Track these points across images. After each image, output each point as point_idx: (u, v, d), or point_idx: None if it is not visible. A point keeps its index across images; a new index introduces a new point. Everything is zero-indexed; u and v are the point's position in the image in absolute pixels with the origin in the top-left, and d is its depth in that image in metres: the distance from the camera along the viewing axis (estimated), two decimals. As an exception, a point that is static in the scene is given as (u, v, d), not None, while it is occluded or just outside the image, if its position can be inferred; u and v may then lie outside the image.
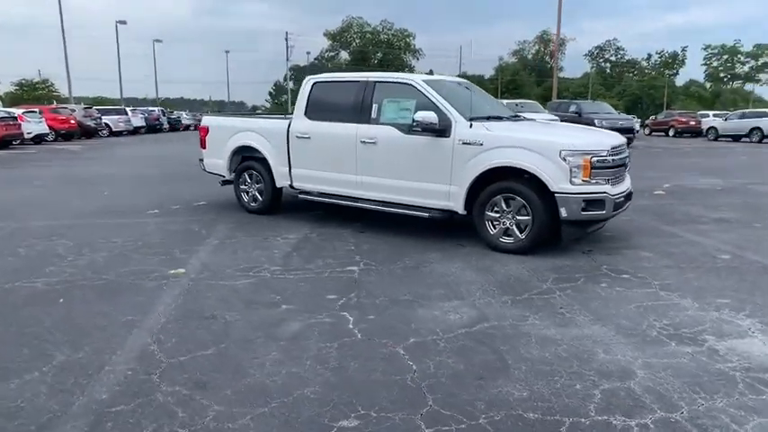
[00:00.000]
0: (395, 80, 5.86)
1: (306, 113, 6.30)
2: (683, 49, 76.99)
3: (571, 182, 4.71)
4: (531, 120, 7.17)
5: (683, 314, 3.61)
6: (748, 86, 74.92)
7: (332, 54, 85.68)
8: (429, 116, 5.17)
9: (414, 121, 5.24)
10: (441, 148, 5.26)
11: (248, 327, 3.41)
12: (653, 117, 35.51)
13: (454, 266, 4.71)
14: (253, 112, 29.06)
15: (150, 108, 36.04)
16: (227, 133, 7.10)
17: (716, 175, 11.48)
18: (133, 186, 9.75)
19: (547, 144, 4.84)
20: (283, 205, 7.10)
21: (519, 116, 6.40)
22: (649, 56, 79.08)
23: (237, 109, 68.09)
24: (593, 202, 4.75)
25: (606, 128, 17.23)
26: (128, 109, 31.25)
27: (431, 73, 24.00)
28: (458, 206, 5.26)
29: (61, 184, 10.14)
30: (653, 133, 32.24)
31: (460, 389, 2.65)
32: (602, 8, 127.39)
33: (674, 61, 77.32)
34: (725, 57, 75.99)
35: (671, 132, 30.36)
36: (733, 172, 12.41)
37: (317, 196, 6.36)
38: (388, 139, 5.60)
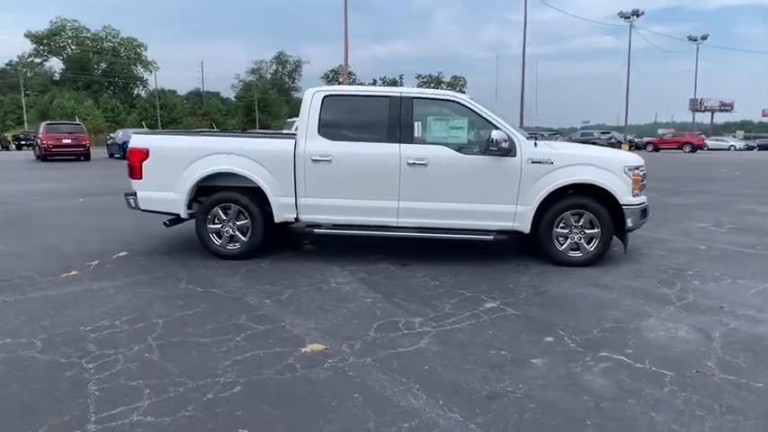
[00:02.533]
0: (438, 97, 5.44)
1: (320, 132, 5.26)
2: (401, 77, 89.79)
3: (632, 194, 5.19)
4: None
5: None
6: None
7: (38, 60, 71.33)
8: (503, 135, 4.99)
9: (492, 140, 4.96)
10: (507, 167, 5.11)
11: None
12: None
13: (575, 287, 4.65)
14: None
15: None
16: (186, 158, 5.35)
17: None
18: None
19: (612, 161, 5.23)
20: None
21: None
22: (375, 81, 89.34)
23: None
24: (644, 212, 5.33)
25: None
26: None
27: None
28: (524, 226, 5.19)
29: None
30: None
31: None
32: (328, 35, 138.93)
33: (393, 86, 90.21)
34: (432, 85, 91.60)
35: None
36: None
37: (330, 228, 5.37)
38: (441, 159, 5.14)
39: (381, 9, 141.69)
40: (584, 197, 5.18)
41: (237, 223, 5.44)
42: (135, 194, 5.49)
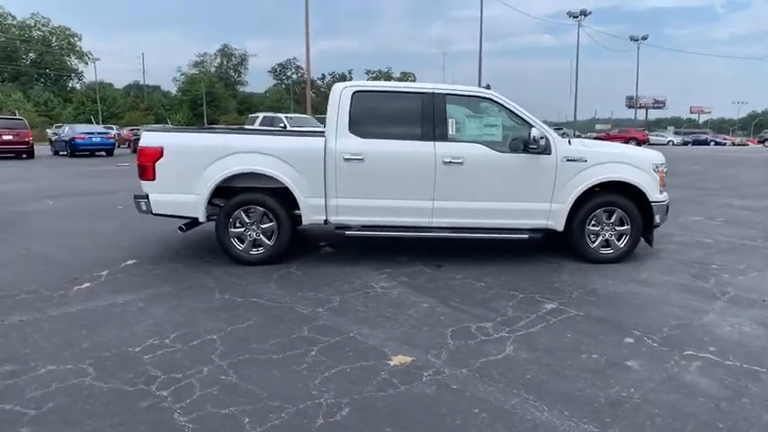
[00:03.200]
0: (471, 93, 5.29)
1: (350, 129, 5.02)
2: (350, 72, 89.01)
3: (659, 191, 5.29)
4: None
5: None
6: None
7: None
8: (541, 133, 4.94)
9: (532, 138, 4.89)
10: (542, 165, 5.08)
11: None
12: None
13: (619, 284, 4.67)
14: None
15: None
16: (206, 157, 4.97)
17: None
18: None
19: (641, 159, 5.30)
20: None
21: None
22: (324, 76, 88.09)
23: None
24: (667, 208, 5.45)
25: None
26: None
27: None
28: (558, 224, 5.18)
29: None
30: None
31: None
32: (280, 29, 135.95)
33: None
34: (382, 81, 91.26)
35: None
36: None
37: (360, 230, 5.15)
38: (478, 158, 5.04)
39: (328, 4, 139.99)
40: (615, 194, 5.22)
41: (262, 226, 5.12)
42: (147, 197, 5.04)
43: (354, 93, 5.09)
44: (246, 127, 17.77)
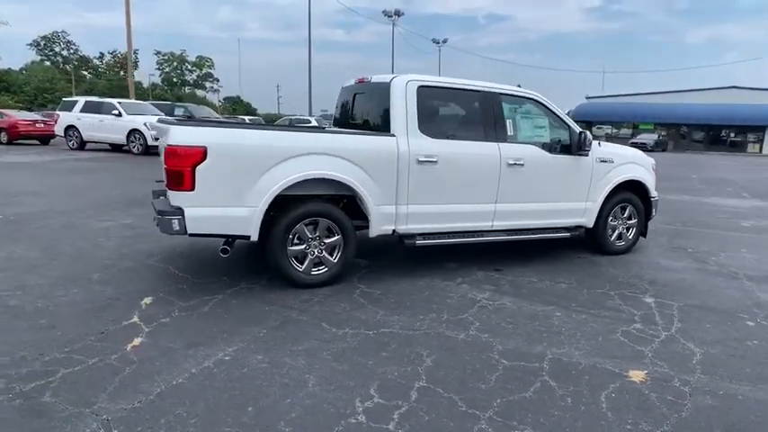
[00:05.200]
0: (520, 94, 5.19)
1: (420, 128, 4.55)
2: (135, 52, 78.84)
3: (654, 189, 6.04)
4: None
5: None
6: (200, 93, 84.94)
7: None
8: (590, 135, 5.18)
9: (585, 140, 5.09)
10: (582, 166, 5.34)
11: None
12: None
13: (666, 273, 5.18)
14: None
15: None
16: (264, 160, 3.97)
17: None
18: None
19: (646, 159, 5.94)
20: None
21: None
22: (102, 54, 76.60)
23: None
24: (657, 203, 6.23)
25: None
26: None
27: None
28: (590, 221, 5.53)
29: None
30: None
31: None
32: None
33: (125, 62, 77.72)
34: (175, 64, 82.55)
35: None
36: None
37: (427, 239, 4.76)
38: (535, 159, 5.05)
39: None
40: (629, 192, 5.78)
41: (326, 241, 4.33)
42: (180, 212, 3.80)
43: (419, 87, 4.61)
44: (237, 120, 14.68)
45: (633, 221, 5.89)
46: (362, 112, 5.21)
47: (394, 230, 4.58)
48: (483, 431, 2.44)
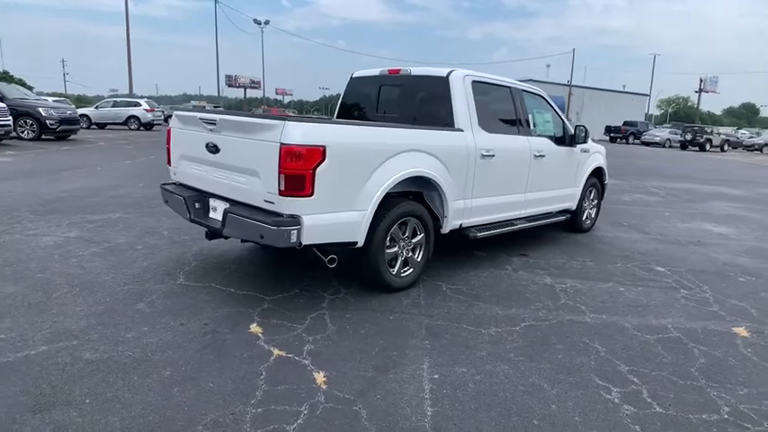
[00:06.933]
0: (533, 90, 5.53)
1: (479, 123, 4.62)
2: None
3: (605, 173, 7.06)
4: None
5: (683, 229, 7.36)
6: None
7: None
8: (582, 129, 5.84)
9: (586, 132, 5.71)
10: (573, 155, 6.01)
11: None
12: None
13: (669, 248, 6.11)
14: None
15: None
16: (376, 159, 3.65)
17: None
18: None
19: (602, 148, 6.86)
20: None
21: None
22: None
23: None
24: (602, 186, 7.26)
25: (57, 119, 14.98)
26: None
27: None
28: (574, 204, 6.26)
29: None
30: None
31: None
32: None
33: None
34: None
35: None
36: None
37: (481, 231, 4.87)
38: (549, 151, 5.51)
39: None
40: (593, 177, 6.66)
41: (413, 241, 4.16)
42: (297, 222, 3.29)
43: (473, 82, 4.67)
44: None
45: (595, 202, 6.83)
46: (398, 105, 5.03)
47: (461, 225, 4.60)
48: (743, 397, 2.77)
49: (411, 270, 4.19)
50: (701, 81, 75.96)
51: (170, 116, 5.01)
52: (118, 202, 7.16)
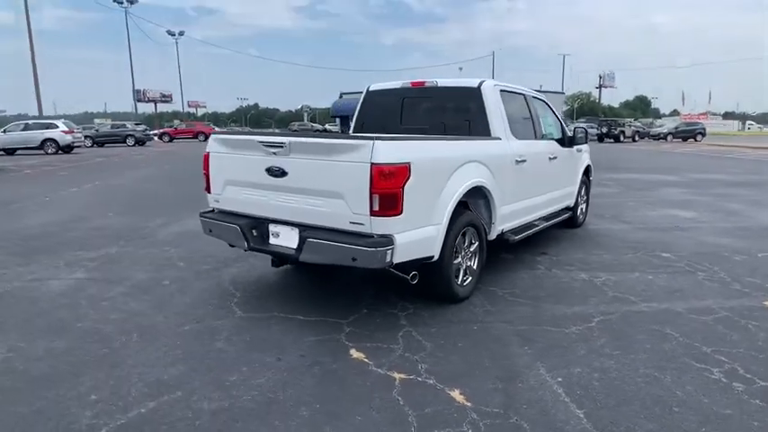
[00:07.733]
0: (539, 96, 5.79)
1: (510, 130, 4.80)
2: None
3: (587, 170, 7.52)
4: None
5: (656, 216, 8.01)
6: None
7: None
8: (581, 130, 6.20)
9: (585, 133, 6.05)
10: (573, 155, 6.37)
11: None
12: None
13: (679, 239, 6.56)
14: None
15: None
16: (447, 172, 3.70)
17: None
18: None
19: (588, 147, 7.30)
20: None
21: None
22: None
23: None
24: (585, 181, 7.73)
25: None
26: None
27: None
28: (572, 201, 6.64)
29: None
30: None
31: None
32: None
33: None
34: None
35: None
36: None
37: (515, 234, 5.03)
38: (557, 153, 5.82)
39: None
40: (584, 175, 7.08)
41: (470, 250, 4.24)
42: (391, 242, 3.26)
43: (501, 91, 4.84)
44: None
45: (585, 198, 7.27)
46: (426, 117, 5.09)
47: (503, 230, 4.74)
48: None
49: (470, 278, 4.26)
50: (600, 77, 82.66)
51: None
52: (101, 234, 6.62)
